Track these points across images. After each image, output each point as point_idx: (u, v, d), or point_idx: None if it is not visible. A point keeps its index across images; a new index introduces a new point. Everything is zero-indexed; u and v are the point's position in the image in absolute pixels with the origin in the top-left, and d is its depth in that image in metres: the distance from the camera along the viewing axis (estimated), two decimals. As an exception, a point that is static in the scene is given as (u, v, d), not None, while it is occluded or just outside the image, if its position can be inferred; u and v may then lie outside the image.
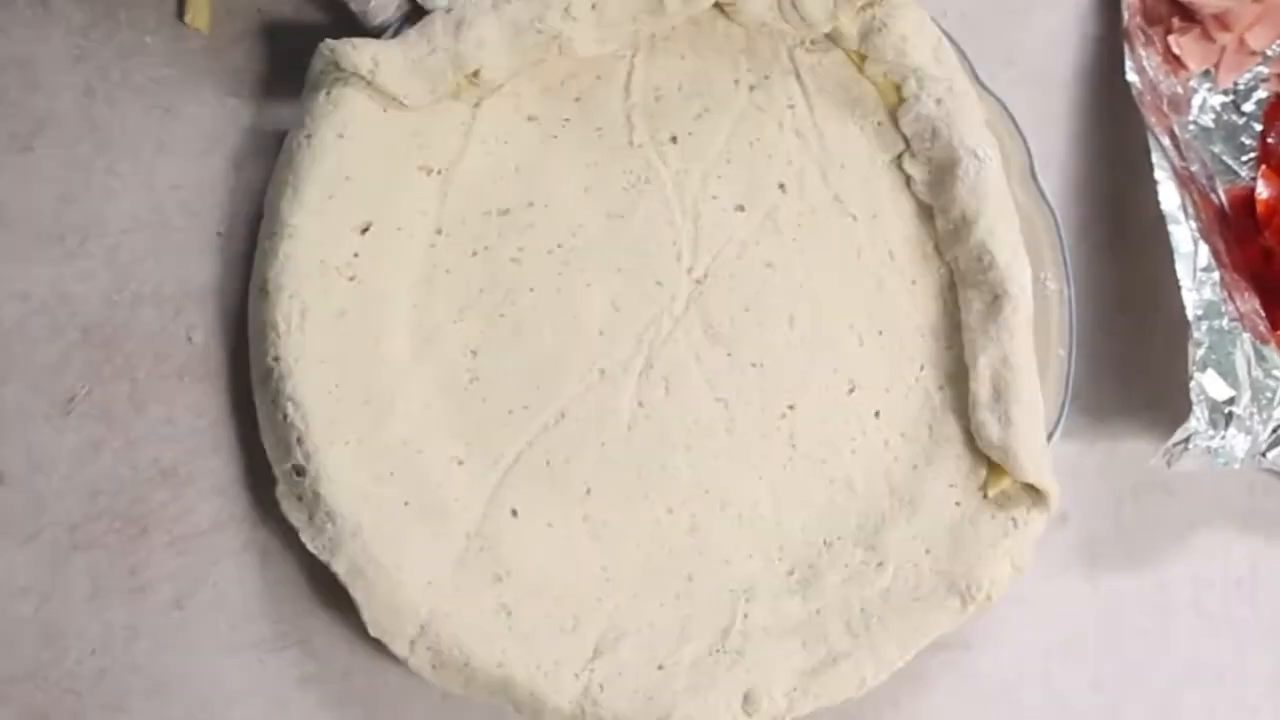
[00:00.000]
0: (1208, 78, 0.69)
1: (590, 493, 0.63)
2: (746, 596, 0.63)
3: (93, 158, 0.64)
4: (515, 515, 0.63)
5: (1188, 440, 0.62)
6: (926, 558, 0.62)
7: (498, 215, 0.64)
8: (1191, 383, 0.62)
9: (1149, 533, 0.68)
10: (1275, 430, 0.63)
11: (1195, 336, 0.63)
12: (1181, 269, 0.63)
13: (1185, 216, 0.64)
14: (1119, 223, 0.68)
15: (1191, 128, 0.68)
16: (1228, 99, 0.69)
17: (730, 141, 0.66)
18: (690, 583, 0.63)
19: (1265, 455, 0.63)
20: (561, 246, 0.64)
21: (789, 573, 0.63)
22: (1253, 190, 0.68)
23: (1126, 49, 0.67)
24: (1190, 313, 0.63)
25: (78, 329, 0.64)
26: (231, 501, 0.64)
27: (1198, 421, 0.62)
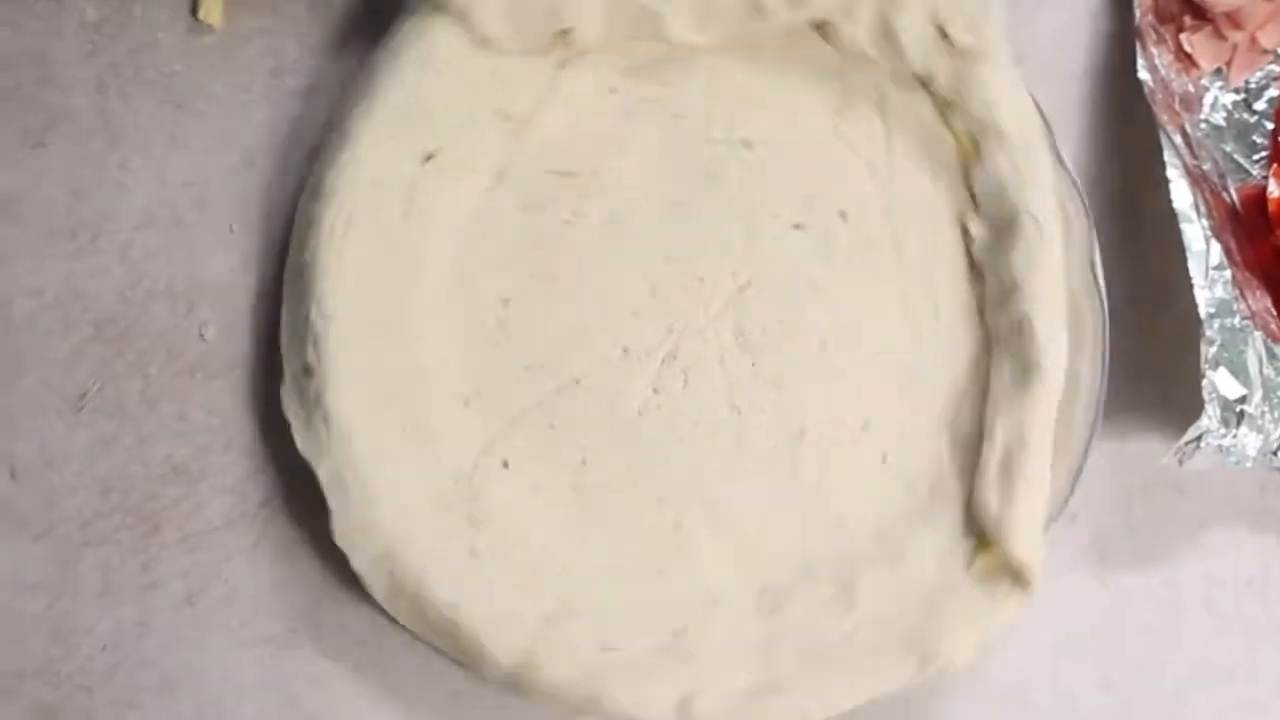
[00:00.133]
0: (1219, 76, 0.69)
1: (585, 464, 0.63)
2: (711, 604, 0.62)
3: (105, 153, 0.64)
4: (506, 467, 0.63)
5: (1199, 439, 0.62)
6: (896, 612, 0.61)
7: (560, 176, 0.65)
8: (1203, 381, 0.62)
9: (1159, 531, 0.67)
10: (1287, 429, 0.63)
11: (1207, 335, 0.62)
12: (1193, 267, 0.63)
13: (1197, 215, 0.64)
14: (1130, 220, 0.68)
15: (1203, 126, 0.68)
16: (1239, 97, 0.69)
17: (803, 159, 0.65)
18: (659, 576, 0.63)
19: (1277, 454, 0.63)
20: (615, 221, 0.64)
21: (760, 591, 0.63)
22: (1264, 189, 0.68)
23: (1138, 46, 0.67)
24: (1202, 311, 0.62)
25: (90, 325, 0.64)
26: (243, 498, 0.64)
27: (1209, 420, 0.62)
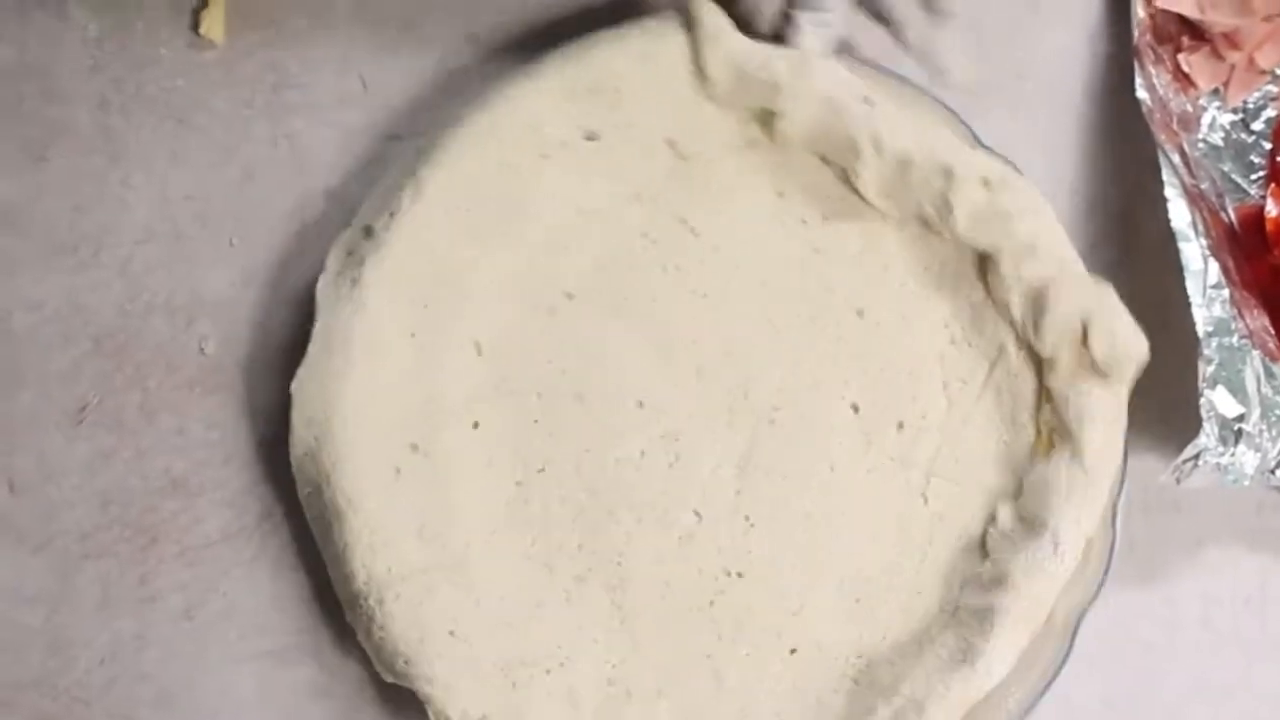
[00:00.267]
0: (1217, 96, 0.69)
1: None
2: None
3: (107, 168, 0.65)
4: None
5: (1197, 457, 0.62)
6: None
7: (685, 229, 0.65)
8: (1201, 399, 0.62)
9: (1158, 549, 0.68)
10: (1285, 448, 0.64)
11: (1205, 353, 0.63)
12: (1191, 286, 0.63)
13: (1195, 234, 0.64)
14: (1129, 239, 0.68)
15: (1201, 145, 0.68)
16: (1237, 117, 0.69)
17: (899, 357, 0.65)
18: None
19: (1275, 473, 0.63)
20: (707, 294, 0.65)
21: None
22: (1262, 208, 0.68)
23: (1136, 66, 0.67)
24: (1200, 329, 0.63)
25: (90, 338, 0.64)
26: (242, 512, 0.64)
27: (1207, 438, 0.62)
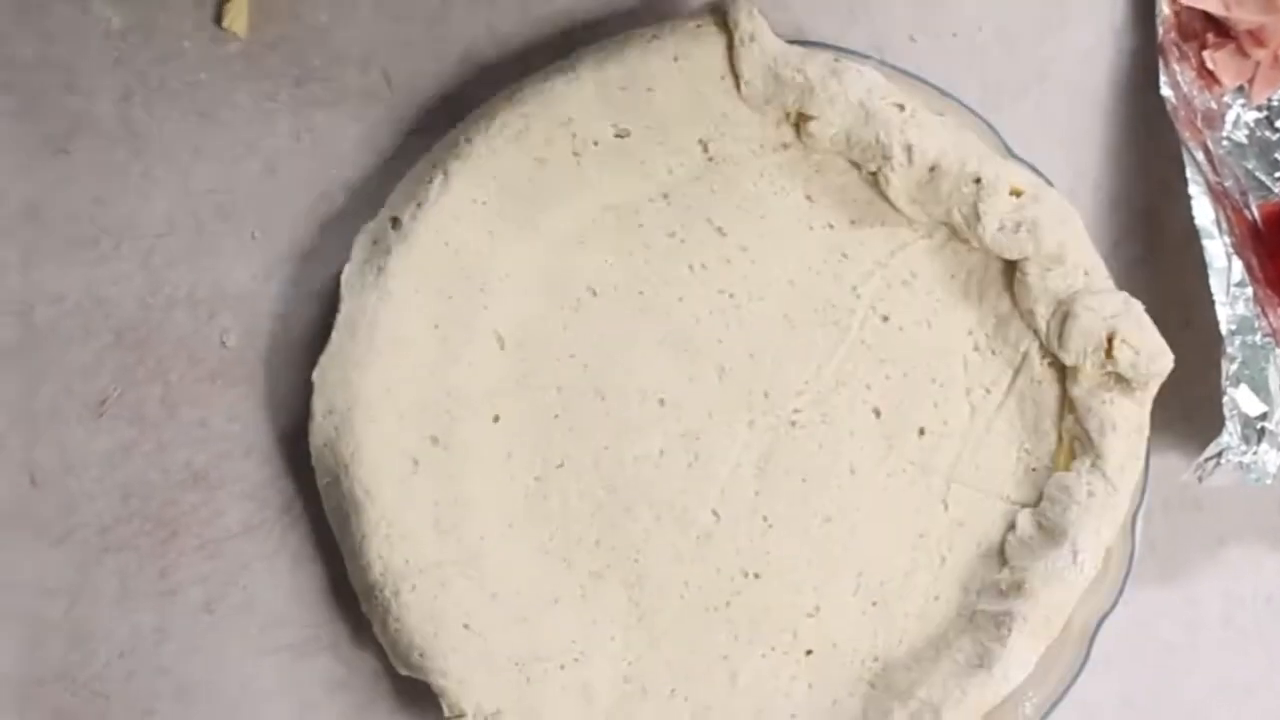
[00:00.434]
0: (1242, 93, 0.68)
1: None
2: None
3: (129, 161, 0.65)
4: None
5: (1220, 455, 0.62)
6: None
7: (713, 229, 0.64)
8: (1224, 398, 0.62)
9: (1179, 548, 0.67)
10: (1308, 446, 0.63)
11: (1228, 351, 0.62)
12: (1215, 284, 0.63)
13: (1219, 231, 0.64)
14: (1152, 237, 0.68)
15: (1225, 143, 0.68)
16: (1261, 115, 0.68)
17: (924, 362, 0.65)
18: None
19: (1297, 471, 0.63)
20: (733, 295, 0.65)
21: None
22: (1286, 206, 0.68)
23: (1161, 64, 0.67)
24: (1224, 328, 0.63)
25: (111, 331, 0.64)
26: (263, 505, 0.64)
27: (1230, 437, 0.62)
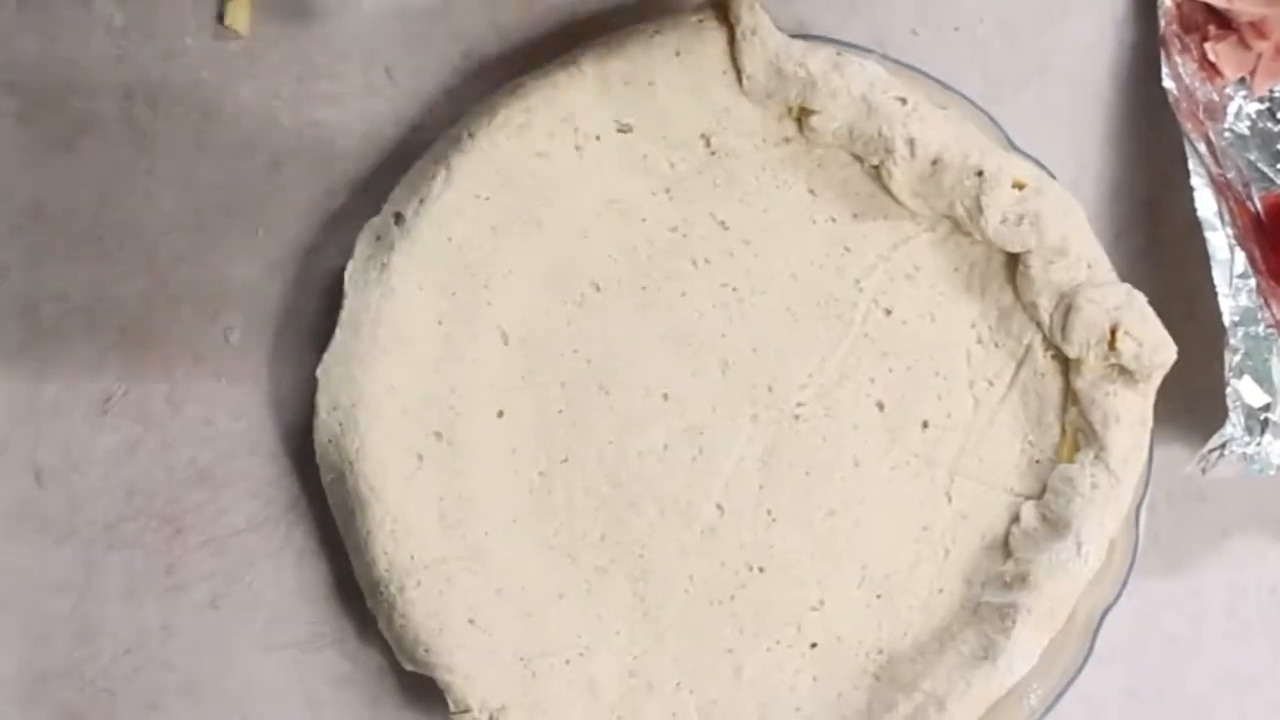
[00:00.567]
0: (1243, 85, 0.68)
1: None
2: None
3: (133, 158, 0.65)
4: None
5: (1223, 446, 0.62)
6: None
7: (717, 224, 0.65)
8: (1227, 389, 0.62)
9: (1183, 539, 0.67)
10: (1312, 437, 0.63)
11: (1231, 343, 0.62)
12: (1218, 275, 0.63)
13: (1221, 223, 0.64)
14: (1155, 229, 0.68)
15: (1227, 135, 0.68)
16: (1263, 106, 0.68)
17: (926, 354, 0.65)
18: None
19: (1301, 462, 0.63)
20: (736, 288, 0.65)
21: None
22: (1288, 197, 0.68)
23: (1163, 56, 0.67)
24: (1227, 319, 0.63)
25: (116, 329, 0.64)
26: (268, 503, 0.64)
27: (1233, 428, 0.62)
